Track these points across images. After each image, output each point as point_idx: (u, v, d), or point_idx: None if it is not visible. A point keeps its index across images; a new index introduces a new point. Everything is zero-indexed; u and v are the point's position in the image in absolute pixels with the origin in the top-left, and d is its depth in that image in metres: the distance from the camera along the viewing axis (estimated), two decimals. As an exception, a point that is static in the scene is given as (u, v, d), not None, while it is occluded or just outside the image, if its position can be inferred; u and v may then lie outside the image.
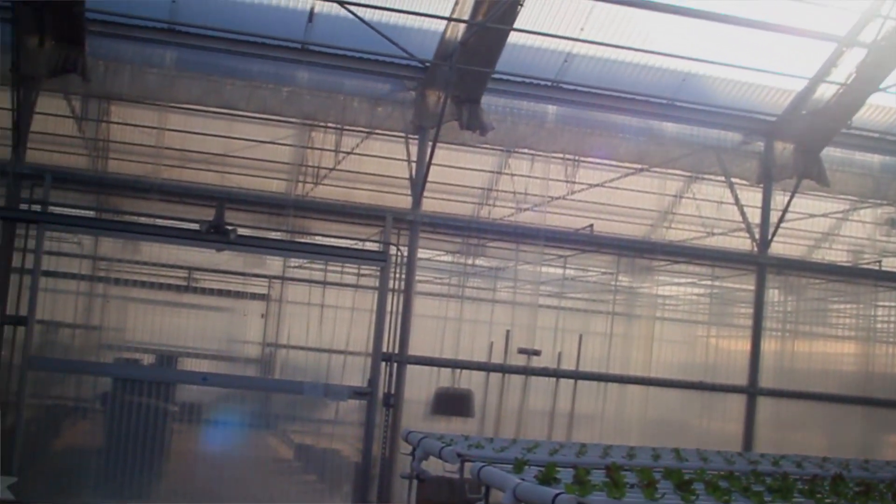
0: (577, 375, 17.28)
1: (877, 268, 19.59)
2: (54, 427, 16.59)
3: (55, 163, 16.11)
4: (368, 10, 14.65)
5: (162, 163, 16.36)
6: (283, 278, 18.82)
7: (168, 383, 15.62)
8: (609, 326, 18.81)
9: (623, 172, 18.39)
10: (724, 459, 12.08)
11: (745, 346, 18.28)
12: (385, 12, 14.93)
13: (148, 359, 17.29)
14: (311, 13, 15.25)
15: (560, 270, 19.45)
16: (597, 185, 18.45)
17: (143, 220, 15.78)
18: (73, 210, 16.28)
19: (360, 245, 16.86)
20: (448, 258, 19.22)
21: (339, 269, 17.47)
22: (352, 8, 14.33)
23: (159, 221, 15.52)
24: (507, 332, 17.23)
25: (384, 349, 15.59)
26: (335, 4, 14.45)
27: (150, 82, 15.47)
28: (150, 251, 17.16)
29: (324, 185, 17.10)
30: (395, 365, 15.78)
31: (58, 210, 15.22)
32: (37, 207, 14.95)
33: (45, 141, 15.95)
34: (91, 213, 17.06)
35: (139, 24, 15.23)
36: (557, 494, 7.14)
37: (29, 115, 15.04)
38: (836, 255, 20.79)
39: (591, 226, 18.18)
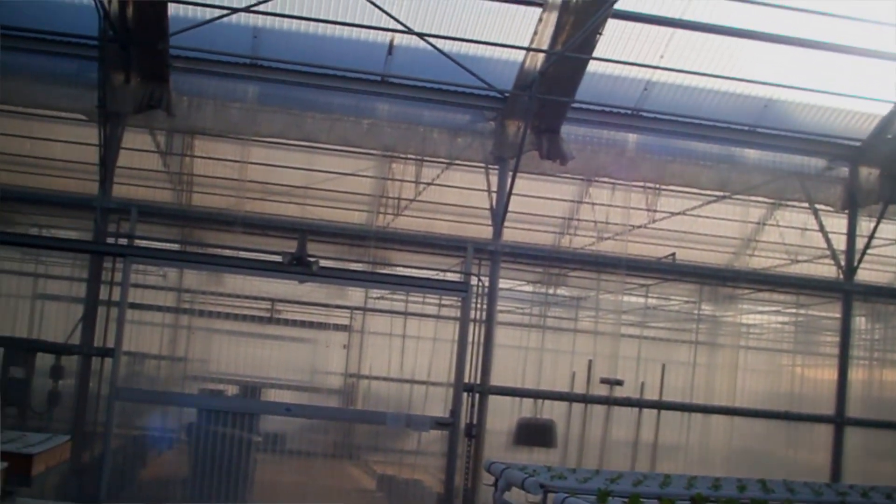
0: (660, 405, 17.10)
1: (967, 294, 19.19)
2: (140, 457, 16.82)
3: (141, 197, 16.35)
4: (447, 41, 14.72)
5: (245, 195, 16.56)
6: (364, 309, 18.92)
7: (252, 414, 15.74)
8: (692, 355, 18.65)
9: (705, 200, 18.25)
10: (812, 491, 11.89)
11: (831, 374, 17.98)
12: (464, 43, 15.00)
13: (232, 389, 17.47)
14: (391, 46, 15.37)
15: (642, 299, 19.33)
16: (678, 214, 18.34)
17: (226, 252, 15.94)
18: (159, 243, 16.51)
19: (441, 275, 16.87)
20: (529, 288, 19.20)
21: (420, 299, 17.55)
22: (431, 40, 14.41)
23: (242, 253, 15.64)
24: (589, 361, 17.14)
25: (466, 379, 15.54)
26: (414, 37, 14.53)
27: (233, 116, 15.70)
28: (233, 283, 17.35)
29: (404, 216, 17.19)
30: (477, 395, 15.72)
31: (143, 243, 15.44)
32: (123, 241, 15.19)
33: (130, 175, 16.22)
34: (176, 246, 17.33)
35: (222, 59, 15.48)
36: (642, 526, 7.08)
37: (115, 151, 15.33)
38: (924, 281, 20.42)
39: (674, 254, 18.05)
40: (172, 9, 14.26)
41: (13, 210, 17.69)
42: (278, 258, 14.87)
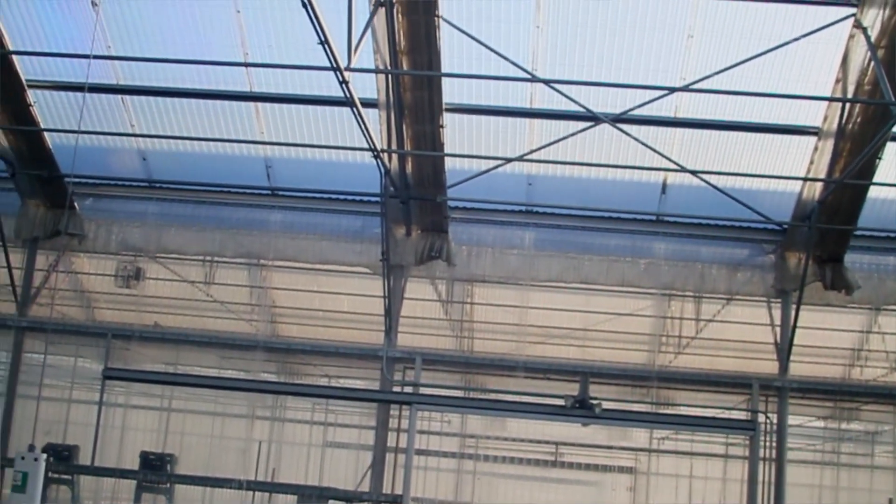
0: (974, 547, 16.04)
1: None
2: None
3: (424, 345, 16.75)
4: (721, 176, 14.62)
5: (525, 340, 16.73)
6: (649, 450, 18.63)
7: (539, 559, 15.67)
8: None
9: None
10: None
11: None
12: (737, 178, 14.85)
13: (517, 534, 17.45)
14: (664, 184, 15.39)
15: (945, 431, 18.30)
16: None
17: (508, 396, 16.10)
18: (442, 389, 16.82)
19: (726, 413, 16.49)
20: (820, 423, 18.49)
21: (706, 439, 17.17)
22: (704, 176, 14.35)
23: (524, 398, 15.74)
24: (889, 500, 16.29)
25: (758, 521, 15.02)
26: (687, 174, 14.51)
27: (511, 263, 16.01)
28: (516, 427, 17.49)
29: (685, 354, 16.94)
30: (771, 538, 15.16)
31: (428, 390, 15.77)
32: (409, 389, 15.57)
33: (414, 324, 16.68)
34: (459, 392, 17.60)
35: (498, 208, 15.88)
36: None
37: (399, 302, 15.89)
38: None
39: (981, 381, 17.06)
40: (449, 163, 14.79)
41: (304, 362, 18.46)
42: (560, 401, 14.88)
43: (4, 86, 14.99)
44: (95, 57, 14.25)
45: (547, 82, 13.25)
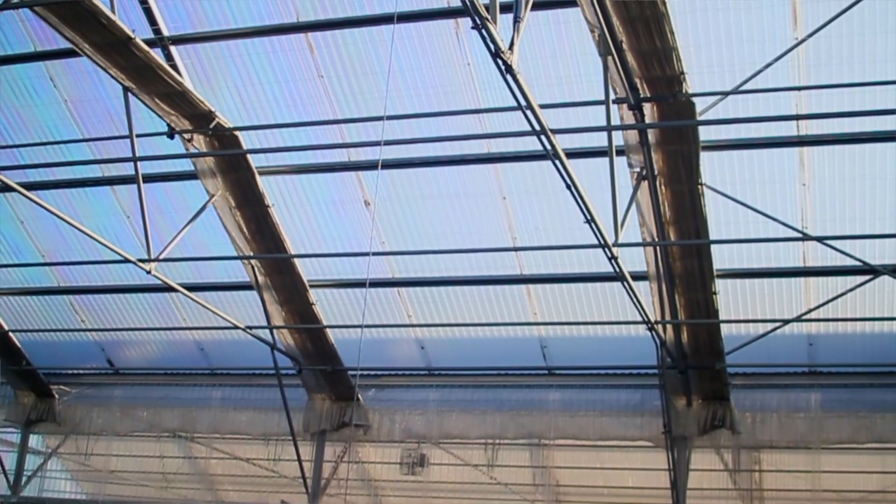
0: None
1: None
2: None
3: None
4: None
5: (823, 508, 16.11)
6: None
7: None
8: None
9: None
10: None
11: None
12: None
13: None
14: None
15: None
16: None
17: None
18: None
19: None
20: None
21: None
22: None
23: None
24: None
25: None
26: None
27: (798, 426, 15.55)
28: None
29: None
30: None
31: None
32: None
33: (701, 496, 16.30)
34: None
35: (780, 371, 15.58)
36: None
37: (685, 474, 15.56)
38: None
39: None
40: (725, 329, 14.61)
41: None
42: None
43: (289, 288, 15.82)
44: (374, 254, 14.91)
45: (819, 239, 13.01)
